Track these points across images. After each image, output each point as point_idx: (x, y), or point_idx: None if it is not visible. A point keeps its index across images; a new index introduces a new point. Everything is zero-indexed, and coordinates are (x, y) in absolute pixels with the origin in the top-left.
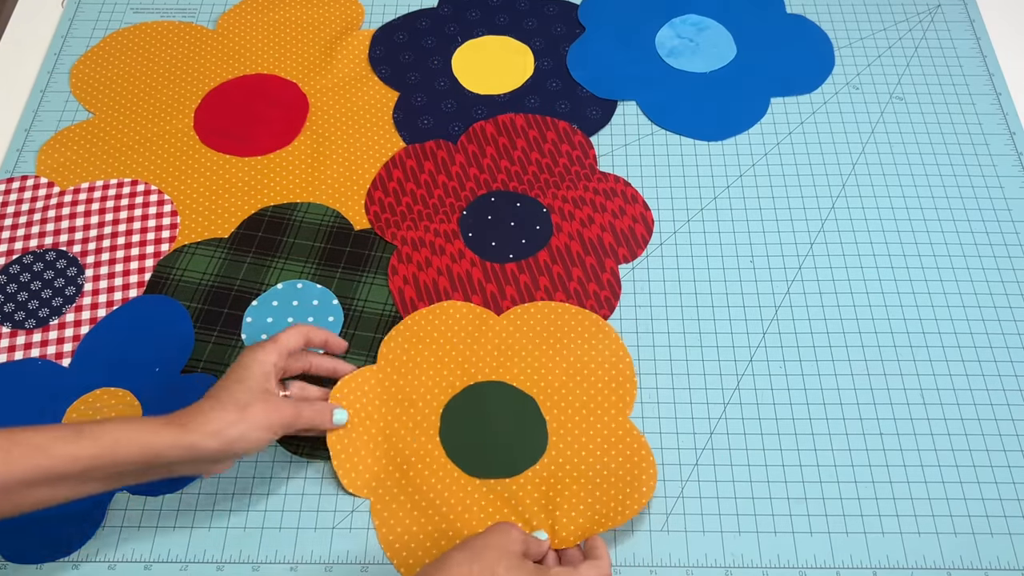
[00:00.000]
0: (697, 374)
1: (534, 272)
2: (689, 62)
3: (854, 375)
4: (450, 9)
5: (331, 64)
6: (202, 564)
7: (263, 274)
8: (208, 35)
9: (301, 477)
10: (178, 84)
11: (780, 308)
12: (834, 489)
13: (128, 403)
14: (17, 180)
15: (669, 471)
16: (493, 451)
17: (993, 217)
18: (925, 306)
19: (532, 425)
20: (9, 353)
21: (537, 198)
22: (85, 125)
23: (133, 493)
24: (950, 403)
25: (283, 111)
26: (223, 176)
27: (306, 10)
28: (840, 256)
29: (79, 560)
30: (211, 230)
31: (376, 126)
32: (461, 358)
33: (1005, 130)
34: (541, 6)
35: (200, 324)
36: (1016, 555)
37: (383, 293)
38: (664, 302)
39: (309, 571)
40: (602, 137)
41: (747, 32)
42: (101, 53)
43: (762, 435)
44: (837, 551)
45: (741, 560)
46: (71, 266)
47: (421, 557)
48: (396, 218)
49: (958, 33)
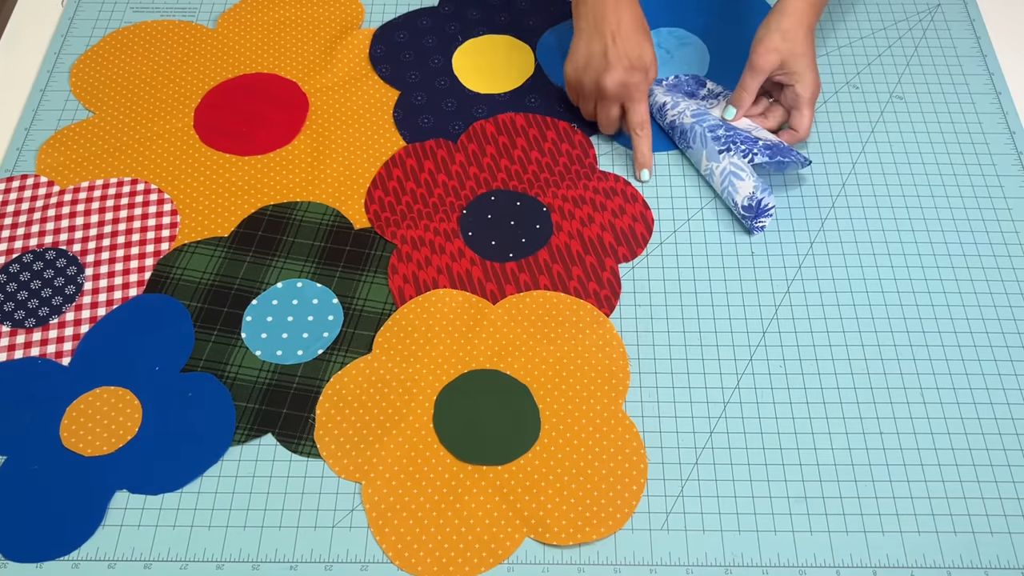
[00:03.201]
0: (697, 373)
1: (534, 271)
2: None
3: (854, 375)
4: (451, 8)
5: (331, 63)
6: (202, 563)
7: (263, 273)
8: (208, 34)
9: (301, 476)
10: (178, 83)
11: (780, 308)
12: (834, 488)
13: (128, 402)
14: (17, 179)
15: (669, 470)
16: (486, 438)
17: (993, 217)
18: (925, 306)
19: (525, 413)
20: (9, 352)
21: (537, 197)
22: (85, 124)
23: (133, 492)
24: (950, 403)
25: (283, 110)
26: (223, 175)
27: (306, 9)
28: (840, 256)
29: (79, 559)
30: (211, 229)
31: (376, 125)
32: (456, 346)
33: (1005, 130)
34: (542, 5)
35: (200, 323)
36: (1016, 554)
37: (383, 292)
38: (664, 301)
39: (309, 570)
40: (602, 136)
41: (725, 57)
42: (101, 52)
43: (762, 435)
44: (837, 550)
45: (741, 559)
46: (71, 265)
47: (410, 542)
48: (396, 217)
49: (958, 33)
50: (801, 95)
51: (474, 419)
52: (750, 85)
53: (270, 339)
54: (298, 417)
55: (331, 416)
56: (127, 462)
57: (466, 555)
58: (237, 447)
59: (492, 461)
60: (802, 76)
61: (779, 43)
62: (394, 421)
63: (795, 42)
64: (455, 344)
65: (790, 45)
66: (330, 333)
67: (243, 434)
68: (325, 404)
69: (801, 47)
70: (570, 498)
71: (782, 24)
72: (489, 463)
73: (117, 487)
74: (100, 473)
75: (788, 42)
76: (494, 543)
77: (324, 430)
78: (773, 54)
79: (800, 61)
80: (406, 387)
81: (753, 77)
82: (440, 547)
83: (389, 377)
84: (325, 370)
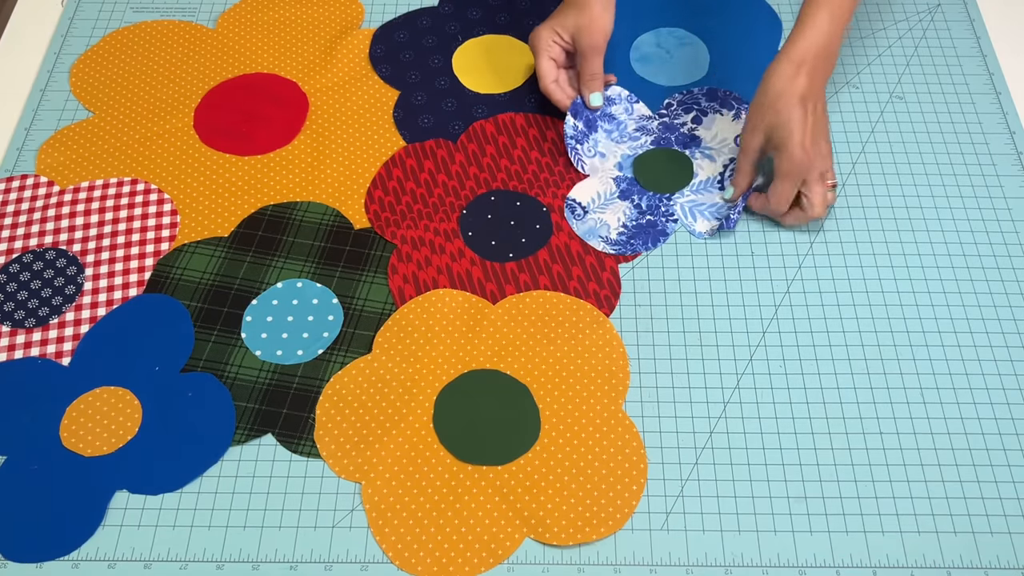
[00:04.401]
0: (697, 373)
1: (534, 271)
2: (654, 72)
3: (854, 375)
4: (451, 8)
5: (331, 63)
6: (202, 563)
7: (263, 273)
8: (208, 34)
9: (301, 476)
10: (178, 83)
11: (780, 308)
12: (834, 488)
13: (128, 402)
14: (17, 179)
15: (669, 470)
16: (486, 438)
17: (993, 217)
18: (925, 305)
19: (525, 413)
20: (9, 352)
21: (537, 197)
22: (85, 124)
23: (133, 492)
24: (950, 402)
25: (283, 110)
26: (223, 175)
27: (306, 9)
28: (840, 256)
29: (79, 559)
30: (211, 229)
31: (376, 125)
32: (456, 346)
33: (1005, 130)
34: (542, 5)
35: (200, 323)
36: (1016, 554)
37: (383, 292)
38: (664, 301)
39: (309, 570)
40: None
41: (726, 57)
42: (101, 52)
43: (762, 435)
44: (837, 550)
45: (741, 559)
46: (71, 265)
47: (410, 542)
48: (396, 217)
49: (958, 33)
50: (776, 168)
51: (474, 419)
52: (743, 167)
53: (270, 339)
54: (298, 417)
55: (331, 416)
56: (127, 462)
57: (466, 555)
58: (237, 447)
59: (492, 461)
60: (781, 151)
61: (760, 119)
62: (394, 421)
63: (776, 115)
64: (455, 344)
65: (773, 117)
66: (330, 333)
67: (243, 434)
68: (325, 404)
69: (785, 115)
70: (570, 498)
71: (768, 91)
72: (489, 463)
73: (117, 487)
74: (100, 473)
75: (770, 116)
76: (494, 543)
77: (324, 430)
78: (757, 133)
79: (780, 132)
80: (406, 387)
81: (744, 158)
82: (440, 547)
83: (389, 377)
84: (325, 370)
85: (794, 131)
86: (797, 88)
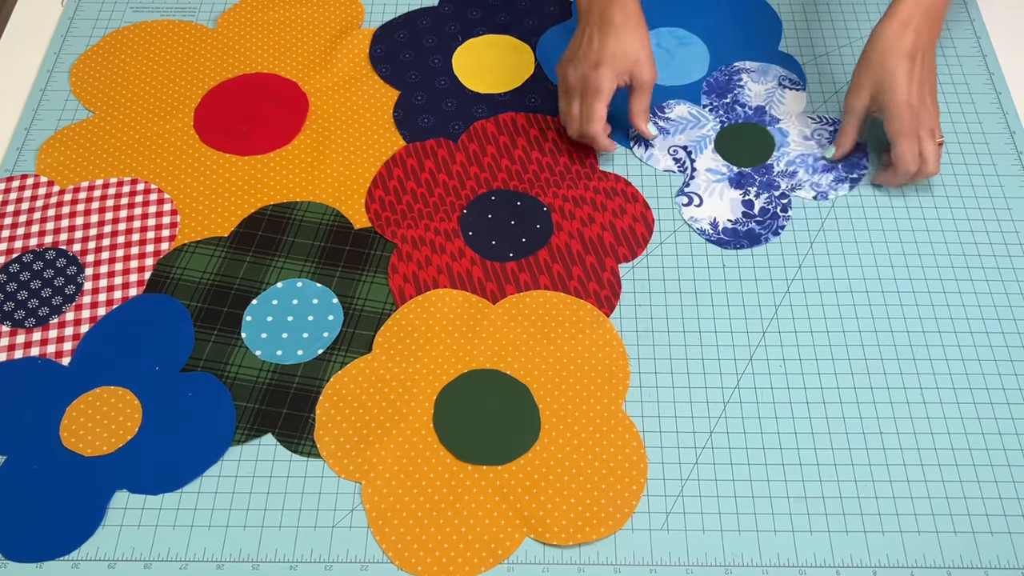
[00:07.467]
0: (697, 373)
1: (534, 271)
2: None
3: (854, 375)
4: (451, 8)
5: (331, 63)
6: (202, 563)
7: (263, 273)
8: (208, 34)
9: (301, 476)
10: (178, 83)
11: (780, 308)
12: (834, 488)
13: (128, 402)
14: (17, 179)
15: (669, 470)
16: (486, 438)
17: (993, 217)
18: (925, 305)
19: (525, 413)
20: (9, 352)
21: (537, 197)
22: (85, 124)
23: (133, 492)
24: (950, 402)
25: (283, 110)
26: (223, 175)
27: (306, 9)
28: (840, 256)
29: (79, 559)
30: (211, 229)
31: (376, 125)
32: (456, 346)
33: (1005, 130)
34: (542, 5)
35: (200, 323)
36: (1016, 554)
37: (383, 292)
38: (664, 301)
39: (309, 570)
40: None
41: (725, 57)
42: (101, 52)
43: (762, 435)
44: (837, 550)
45: (741, 559)
46: (71, 265)
47: (410, 542)
48: (396, 216)
49: (958, 33)
50: (888, 130)
51: (474, 419)
52: (847, 127)
53: (270, 339)
54: (298, 417)
55: (331, 416)
56: (127, 462)
57: (466, 555)
58: (237, 447)
59: (492, 461)
60: (888, 110)
61: (866, 77)
62: (394, 421)
63: (883, 72)
64: (455, 344)
65: (879, 73)
66: (330, 333)
67: (243, 434)
68: (325, 404)
69: (891, 71)
70: (570, 498)
71: (875, 49)
72: (489, 463)
73: (117, 487)
74: (100, 473)
75: (876, 73)
76: (494, 543)
77: (324, 430)
78: (863, 92)
79: (886, 89)
80: (406, 387)
81: (848, 118)
82: (440, 547)
83: (389, 377)
84: (325, 370)
85: (899, 87)
86: (904, 45)
